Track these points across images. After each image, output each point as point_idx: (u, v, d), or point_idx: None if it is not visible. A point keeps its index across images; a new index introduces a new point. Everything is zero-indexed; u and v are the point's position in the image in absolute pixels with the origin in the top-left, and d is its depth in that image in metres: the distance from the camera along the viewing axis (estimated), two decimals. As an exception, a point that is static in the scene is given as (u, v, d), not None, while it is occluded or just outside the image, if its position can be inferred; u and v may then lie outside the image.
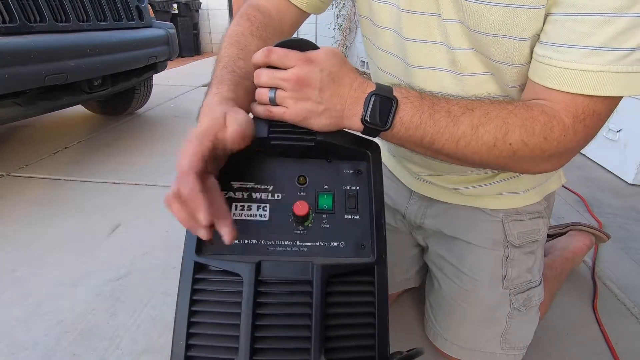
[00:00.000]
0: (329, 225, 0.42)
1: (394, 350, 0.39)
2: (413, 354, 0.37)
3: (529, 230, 0.70)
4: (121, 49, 1.66)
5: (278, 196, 0.43)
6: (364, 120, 0.43)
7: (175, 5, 4.92)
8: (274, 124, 0.44)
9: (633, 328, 0.88)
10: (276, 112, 0.43)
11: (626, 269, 1.09)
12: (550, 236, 1.09)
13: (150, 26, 1.94)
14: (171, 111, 2.53)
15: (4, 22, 1.24)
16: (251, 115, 0.47)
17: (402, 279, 0.87)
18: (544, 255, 0.82)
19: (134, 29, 1.81)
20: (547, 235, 0.95)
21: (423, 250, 0.85)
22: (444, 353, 0.74)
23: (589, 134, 0.44)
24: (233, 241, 0.35)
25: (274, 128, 0.44)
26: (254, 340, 0.36)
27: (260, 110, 0.44)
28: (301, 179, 0.44)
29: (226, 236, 0.35)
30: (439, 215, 0.76)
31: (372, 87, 0.43)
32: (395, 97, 0.43)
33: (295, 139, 0.44)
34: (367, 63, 0.75)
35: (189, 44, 5.27)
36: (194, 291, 0.38)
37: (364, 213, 0.43)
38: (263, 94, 0.43)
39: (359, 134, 0.45)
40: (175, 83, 3.31)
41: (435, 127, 0.43)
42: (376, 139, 0.46)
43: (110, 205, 1.32)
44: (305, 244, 0.41)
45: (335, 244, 0.41)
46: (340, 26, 4.30)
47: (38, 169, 1.58)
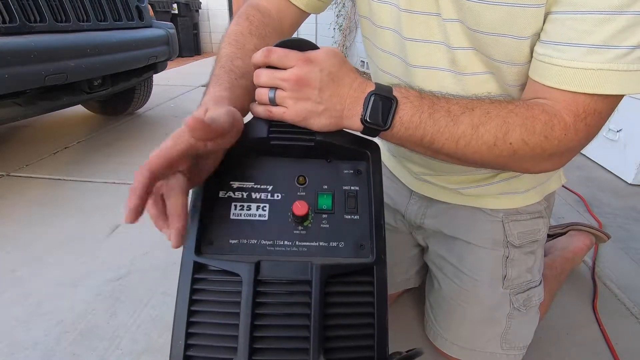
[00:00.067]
0: (328, 225, 0.42)
1: (393, 351, 0.39)
2: (412, 354, 0.37)
3: (529, 230, 0.70)
4: (121, 49, 1.66)
5: (277, 196, 0.43)
6: (363, 120, 0.43)
7: (175, 5, 4.92)
8: (274, 124, 0.44)
9: (633, 328, 0.88)
10: (276, 112, 0.43)
11: (626, 269, 1.09)
12: (550, 236, 1.09)
13: (150, 26, 1.94)
14: (171, 111, 2.53)
15: (4, 22, 1.24)
16: (250, 115, 0.47)
17: (402, 279, 0.87)
18: (544, 255, 0.82)
19: (134, 29, 1.81)
20: (547, 235, 0.95)
21: (423, 250, 0.85)
22: (444, 353, 0.74)
23: (590, 133, 0.44)
24: (177, 247, 0.34)
25: (274, 128, 0.44)
26: (253, 340, 0.36)
27: (260, 110, 0.44)
28: (301, 179, 0.44)
29: (171, 240, 0.34)
30: (439, 215, 0.76)
31: (372, 87, 0.43)
32: (394, 97, 0.43)
33: (294, 139, 0.44)
34: (367, 63, 0.75)
35: (189, 44, 5.27)
36: (193, 291, 0.38)
37: (363, 213, 0.43)
38: (263, 94, 0.43)
39: (358, 134, 0.45)
40: (175, 83, 3.31)
41: (435, 127, 0.43)
42: (376, 139, 0.46)
43: (110, 205, 1.32)
44: (305, 244, 0.41)
45: (334, 244, 0.41)
46: (340, 26, 4.30)
47: (38, 169, 1.58)
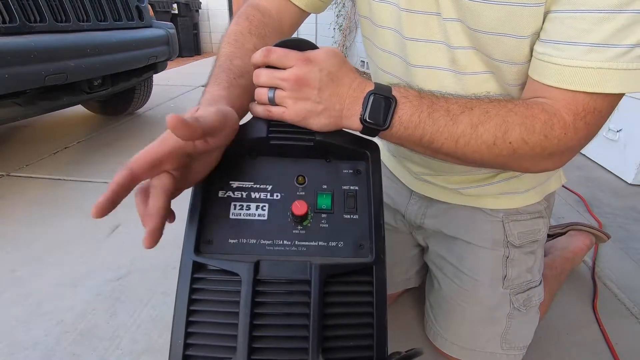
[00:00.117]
0: (327, 225, 0.42)
1: (393, 351, 0.39)
2: (412, 354, 0.37)
3: (529, 230, 0.70)
4: (121, 49, 1.66)
5: (277, 196, 0.43)
6: (362, 120, 0.43)
7: (175, 5, 4.92)
8: (273, 124, 0.44)
9: (633, 328, 0.88)
10: (275, 112, 0.43)
11: (626, 269, 1.09)
12: (550, 236, 1.09)
13: (150, 26, 1.94)
14: (171, 111, 2.48)
15: (4, 22, 1.24)
16: (250, 115, 0.47)
17: (402, 279, 0.87)
18: (544, 255, 0.82)
19: (134, 29, 1.81)
20: (547, 235, 0.94)
21: (423, 250, 0.85)
22: (443, 353, 0.74)
23: (590, 132, 0.44)
24: (150, 247, 0.34)
25: (273, 128, 0.44)
26: (252, 340, 0.36)
27: (259, 110, 0.44)
28: (300, 178, 0.44)
29: (144, 239, 0.34)
30: (439, 215, 0.76)
31: (371, 87, 0.43)
32: (394, 97, 0.43)
33: (294, 138, 0.43)
34: (367, 63, 0.75)
35: (189, 44, 5.27)
36: (192, 290, 0.38)
37: (362, 213, 0.43)
38: (262, 93, 0.43)
39: (358, 133, 0.45)
40: (175, 83, 3.31)
41: (435, 126, 0.43)
42: (375, 139, 0.46)
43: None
44: (304, 243, 0.41)
45: (333, 243, 0.41)
46: (340, 26, 4.30)
47: (38, 169, 1.58)
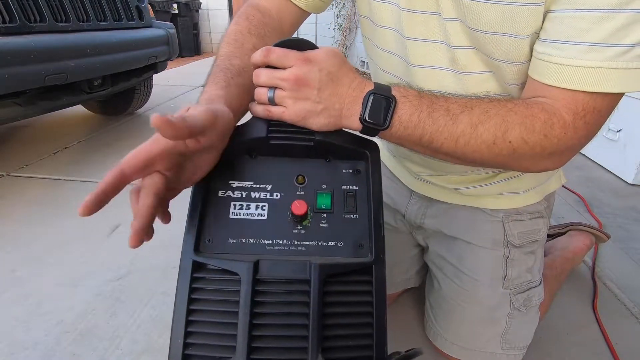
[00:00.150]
0: (327, 225, 0.42)
1: (393, 350, 0.39)
2: (411, 354, 0.37)
3: (529, 230, 0.70)
4: (121, 49, 1.66)
5: (277, 195, 0.43)
6: (362, 120, 0.43)
7: (175, 5, 4.92)
8: (273, 124, 0.44)
9: (633, 328, 0.88)
10: (275, 112, 0.43)
11: (626, 269, 1.09)
12: (550, 236, 1.09)
13: (150, 26, 1.94)
14: (171, 111, 2.48)
15: (4, 22, 1.24)
16: (250, 114, 0.47)
17: (402, 279, 0.87)
18: (544, 255, 0.82)
19: (134, 29, 1.81)
20: (547, 235, 0.94)
21: (423, 250, 0.85)
22: (443, 353, 0.74)
23: (590, 131, 0.44)
24: (134, 246, 0.34)
25: (273, 128, 0.44)
26: (251, 339, 0.36)
27: (259, 109, 0.44)
28: (300, 178, 0.44)
29: (129, 238, 0.34)
30: (439, 215, 0.76)
31: (371, 87, 0.43)
32: (393, 96, 0.43)
33: (294, 138, 0.43)
34: (367, 63, 0.75)
35: (189, 44, 5.27)
36: (192, 290, 0.38)
37: (362, 213, 0.43)
38: (262, 93, 0.43)
39: (358, 133, 0.45)
40: (175, 83, 3.31)
41: (434, 126, 0.43)
42: (375, 139, 0.46)
43: (110, 205, 1.30)
44: (304, 243, 0.41)
45: (333, 243, 0.41)
46: (340, 26, 4.30)
47: (38, 169, 1.58)
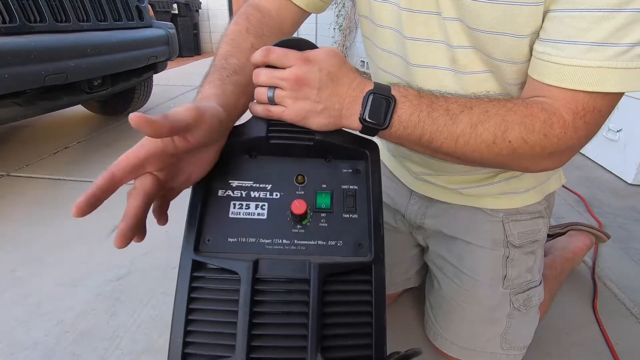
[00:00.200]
0: (326, 224, 0.42)
1: (392, 350, 0.39)
2: (410, 354, 0.37)
3: (529, 230, 0.70)
4: (121, 49, 1.66)
5: (276, 195, 0.43)
6: (362, 119, 0.43)
7: (175, 5, 4.92)
8: (273, 123, 0.44)
9: (633, 328, 0.88)
10: (275, 112, 0.43)
11: (626, 269, 1.09)
12: (550, 236, 1.09)
13: (150, 26, 1.94)
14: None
15: (4, 22, 1.24)
16: (249, 114, 0.47)
17: (402, 279, 0.87)
18: (544, 256, 0.82)
19: (134, 29, 1.81)
20: (547, 235, 0.94)
21: (423, 250, 0.85)
22: (443, 353, 0.74)
23: (590, 131, 0.44)
24: (120, 247, 0.34)
25: (273, 127, 0.44)
26: (250, 338, 0.36)
27: (259, 109, 0.44)
28: (299, 178, 0.44)
29: (115, 238, 0.34)
30: (439, 215, 0.76)
31: (371, 86, 0.43)
32: (393, 96, 0.43)
33: (293, 138, 0.44)
34: (367, 63, 0.75)
35: (189, 44, 5.27)
36: (191, 289, 0.38)
37: (362, 212, 0.43)
38: (262, 93, 0.43)
39: (357, 133, 0.45)
40: (175, 83, 3.31)
41: (434, 126, 0.43)
42: (375, 138, 0.46)
43: (111, 206, 1.31)
44: (303, 242, 0.41)
45: (332, 242, 0.41)
46: (340, 26, 4.30)
47: (38, 169, 1.58)
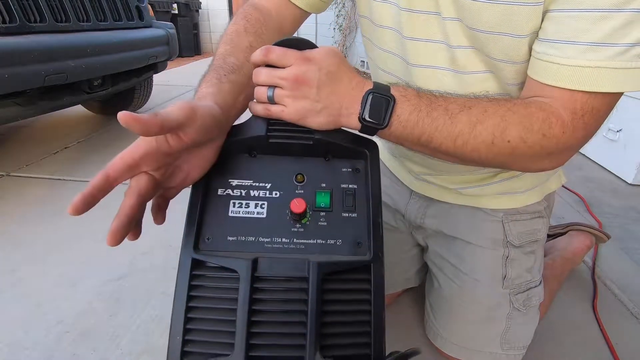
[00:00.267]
0: (326, 223, 0.42)
1: (392, 350, 0.39)
2: (409, 354, 0.37)
3: (529, 230, 0.70)
4: (121, 49, 1.66)
5: (276, 194, 0.43)
6: (361, 119, 0.43)
7: (175, 5, 4.92)
8: (273, 123, 0.44)
9: (633, 328, 0.88)
10: (274, 111, 0.43)
11: (626, 269, 1.09)
12: (551, 236, 1.09)
13: (150, 26, 1.94)
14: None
15: (4, 22, 1.24)
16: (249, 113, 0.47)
17: (402, 278, 0.87)
18: (544, 256, 0.82)
19: (134, 29, 1.81)
20: (547, 235, 0.94)
21: (423, 250, 0.85)
22: (443, 353, 0.74)
23: (589, 131, 0.44)
24: (111, 245, 0.34)
25: (272, 126, 0.44)
26: (249, 336, 0.36)
27: (258, 108, 0.44)
28: (299, 177, 0.44)
29: (107, 237, 0.35)
30: (439, 215, 0.76)
31: (370, 86, 0.43)
32: (392, 95, 0.43)
33: (293, 137, 0.44)
34: (367, 63, 0.75)
35: (189, 44, 5.27)
36: (191, 287, 0.38)
37: (361, 211, 0.43)
38: (261, 92, 0.43)
39: (357, 132, 0.45)
40: (175, 83, 3.31)
41: (433, 125, 0.43)
42: (375, 138, 0.46)
43: (111, 206, 1.32)
44: (302, 241, 0.41)
45: (332, 241, 0.41)
46: (340, 26, 4.30)
47: (38, 169, 1.58)
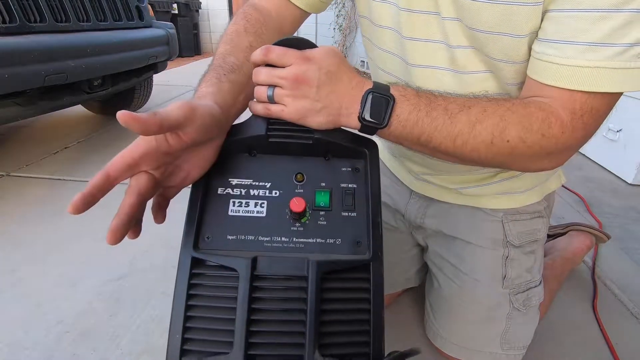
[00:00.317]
0: (325, 222, 0.42)
1: (391, 350, 0.39)
2: (408, 353, 0.37)
3: (528, 230, 0.70)
4: (121, 49, 1.66)
5: (275, 193, 0.43)
6: (361, 118, 0.43)
7: (175, 5, 4.92)
8: (272, 122, 0.44)
9: (633, 328, 0.88)
10: (274, 110, 0.43)
11: (626, 269, 1.09)
12: (551, 236, 1.09)
13: (150, 26, 1.94)
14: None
15: (4, 22, 1.24)
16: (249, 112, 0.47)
17: (402, 278, 0.87)
18: (544, 256, 0.82)
19: (134, 29, 1.81)
20: (547, 235, 0.94)
21: (423, 250, 0.85)
22: (443, 353, 0.74)
23: (588, 131, 0.44)
24: (111, 244, 0.35)
25: (272, 126, 0.44)
26: (249, 334, 0.36)
27: (258, 108, 0.45)
28: (299, 176, 0.44)
29: (106, 235, 0.35)
30: (438, 215, 0.76)
31: (369, 85, 0.43)
32: (392, 95, 0.43)
33: (293, 136, 0.44)
34: (367, 63, 0.75)
35: (189, 44, 5.27)
36: (190, 286, 0.38)
37: (360, 211, 0.43)
38: (261, 91, 0.44)
39: (356, 132, 0.45)
40: (175, 83, 3.31)
41: (432, 125, 0.43)
42: (375, 138, 0.46)
43: (110, 205, 1.32)
44: (302, 240, 0.41)
45: (331, 240, 0.41)
46: (340, 26, 4.30)
47: (38, 169, 1.58)
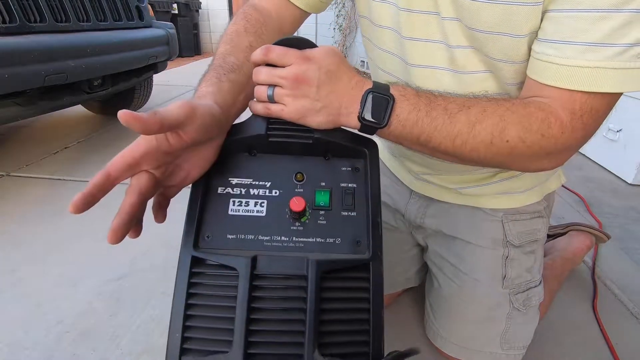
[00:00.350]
0: (325, 222, 0.42)
1: (391, 349, 0.39)
2: (408, 353, 0.37)
3: (528, 230, 0.70)
4: (121, 49, 1.66)
5: (275, 192, 0.43)
6: (360, 118, 0.43)
7: (175, 5, 4.92)
8: (272, 122, 0.44)
9: (633, 328, 0.88)
10: (274, 110, 0.43)
11: (626, 269, 1.09)
12: (551, 236, 1.09)
13: (150, 26, 1.94)
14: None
15: (4, 22, 1.24)
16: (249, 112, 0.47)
17: (402, 278, 0.87)
18: (544, 256, 0.82)
19: (134, 29, 1.81)
20: (547, 235, 0.94)
21: (423, 249, 0.85)
22: (443, 353, 0.74)
23: (588, 131, 0.44)
24: (112, 243, 0.36)
25: (272, 125, 0.44)
26: (248, 333, 0.36)
27: (258, 107, 0.45)
28: (299, 175, 0.44)
29: (107, 235, 0.36)
30: (438, 214, 0.76)
31: (369, 85, 0.43)
32: (391, 95, 0.43)
33: (293, 136, 0.44)
34: (367, 63, 0.75)
35: (189, 44, 5.27)
36: (190, 285, 0.38)
37: (360, 210, 0.43)
38: (261, 91, 0.44)
39: (356, 131, 0.45)
40: (175, 83, 3.31)
41: (432, 125, 0.43)
42: (374, 137, 0.46)
43: (110, 205, 1.32)
44: (302, 239, 0.41)
45: (331, 240, 0.41)
46: (340, 26, 4.30)
47: (38, 169, 1.58)
